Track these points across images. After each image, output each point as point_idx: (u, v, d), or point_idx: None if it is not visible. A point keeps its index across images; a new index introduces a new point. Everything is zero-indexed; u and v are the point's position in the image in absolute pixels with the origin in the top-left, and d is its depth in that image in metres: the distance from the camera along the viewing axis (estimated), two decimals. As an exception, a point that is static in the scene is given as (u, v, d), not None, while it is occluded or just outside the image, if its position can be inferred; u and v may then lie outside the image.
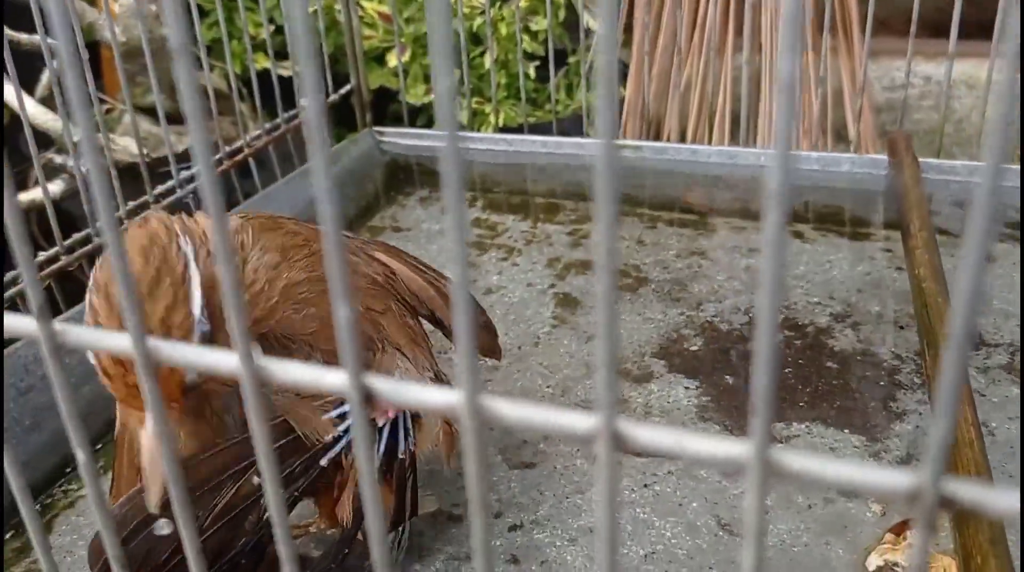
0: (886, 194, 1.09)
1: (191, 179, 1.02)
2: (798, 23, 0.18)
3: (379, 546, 0.25)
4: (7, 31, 1.13)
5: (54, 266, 0.86)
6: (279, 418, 0.56)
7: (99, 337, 0.29)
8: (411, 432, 0.62)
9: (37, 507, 0.75)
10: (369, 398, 0.25)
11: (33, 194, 1.13)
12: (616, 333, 0.21)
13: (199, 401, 0.53)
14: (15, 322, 0.28)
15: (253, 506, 0.56)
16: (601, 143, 0.19)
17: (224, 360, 0.25)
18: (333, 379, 0.25)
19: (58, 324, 0.27)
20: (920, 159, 1.05)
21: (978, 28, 1.11)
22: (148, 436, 0.47)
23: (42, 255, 0.85)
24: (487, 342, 0.74)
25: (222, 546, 0.55)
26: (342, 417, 0.57)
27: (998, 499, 0.19)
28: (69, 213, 1.10)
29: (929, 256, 0.81)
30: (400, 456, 0.61)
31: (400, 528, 0.65)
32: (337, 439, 0.58)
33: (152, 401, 0.26)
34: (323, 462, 0.58)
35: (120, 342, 0.27)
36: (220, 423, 0.56)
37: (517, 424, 0.23)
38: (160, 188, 1.00)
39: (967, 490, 0.19)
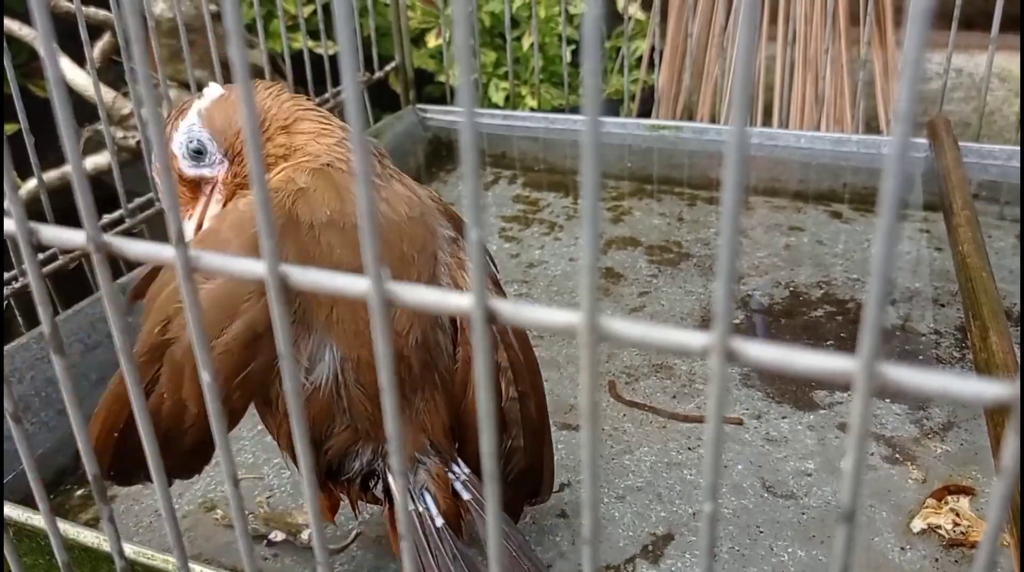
0: (925, 176, 1.11)
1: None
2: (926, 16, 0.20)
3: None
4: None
5: (120, 228, 0.89)
6: None
7: (231, 262, 0.31)
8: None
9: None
10: (492, 318, 0.27)
11: (95, 159, 1.16)
12: (734, 259, 0.23)
13: None
14: (154, 249, 0.30)
15: None
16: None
17: (354, 283, 0.28)
18: (458, 301, 0.27)
19: (192, 251, 0.29)
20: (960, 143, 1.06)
21: (1009, 21, 1.11)
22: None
23: (106, 218, 0.87)
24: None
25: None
26: None
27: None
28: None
29: (972, 233, 0.83)
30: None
31: None
32: None
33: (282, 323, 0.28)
34: None
35: (253, 268, 0.29)
36: None
37: (634, 341, 0.25)
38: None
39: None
